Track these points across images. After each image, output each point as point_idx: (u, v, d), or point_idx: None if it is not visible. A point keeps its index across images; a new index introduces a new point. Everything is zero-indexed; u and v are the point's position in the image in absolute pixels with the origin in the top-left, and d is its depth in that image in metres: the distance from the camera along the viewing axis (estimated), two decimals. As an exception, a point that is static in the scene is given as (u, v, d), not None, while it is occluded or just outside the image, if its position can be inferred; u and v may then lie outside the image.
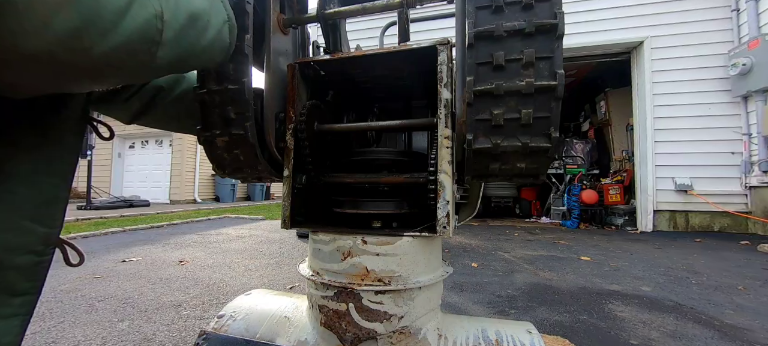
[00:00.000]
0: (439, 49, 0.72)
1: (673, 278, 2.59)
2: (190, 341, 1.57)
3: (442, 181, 0.69)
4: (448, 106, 0.71)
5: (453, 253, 3.42)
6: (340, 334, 0.70)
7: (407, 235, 0.71)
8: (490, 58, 0.62)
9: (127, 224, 5.45)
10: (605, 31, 5.33)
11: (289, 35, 0.90)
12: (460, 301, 2.08)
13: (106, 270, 2.76)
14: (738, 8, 4.79)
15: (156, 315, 1.86)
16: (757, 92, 4.42)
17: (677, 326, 1.73)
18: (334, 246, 0.72)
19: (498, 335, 0.73)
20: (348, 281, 0.70)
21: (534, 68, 0.61)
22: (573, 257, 3.25)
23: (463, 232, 4.76)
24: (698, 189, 4.88)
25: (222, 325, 0.84)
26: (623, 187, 5.53)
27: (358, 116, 1.08)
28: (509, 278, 2.56)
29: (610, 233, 4.92)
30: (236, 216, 6.88)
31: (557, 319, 1.81)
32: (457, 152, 0.72)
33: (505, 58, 0.62)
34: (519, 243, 3.98)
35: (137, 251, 3.55)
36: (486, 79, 0.63)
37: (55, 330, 1.68)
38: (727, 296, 2.17)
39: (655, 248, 3.75)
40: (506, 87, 0.62)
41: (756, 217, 4.56)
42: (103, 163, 10.97)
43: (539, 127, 0.63)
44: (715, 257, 3.30)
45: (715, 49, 4.91)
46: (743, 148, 4.72)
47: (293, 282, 2.47)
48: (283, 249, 3.64)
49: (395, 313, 0.69)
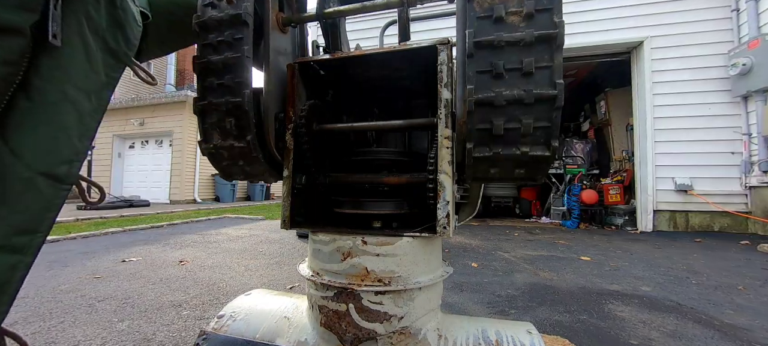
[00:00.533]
0: (439, 49, 0.71)
1: (673, 278, 2.59)
2: (190, 341, 1.57)
3: (442, 181, 0.69)
4: (449, 106, 0.71)
5: (453, 253, 3.42)
6: (340, 334, 0.70)
7: (407, 235, 0.71)
8: (490, 68, 0.62)
9: (127, 224, 5.45)
10: (605, 31, 5.32)
11: (288, 34, 0.90)
12: (460, 301, 2.08)
13: (106, 270, 2.75)
14: (738, 8, 4.79)
15: (156, 315, 1.86)
16: (757, 92, 4.42)
17: (677, 326, 1.73)
18: (334, 246, 0.72)
19: (498, 336, 0.73)
20: (348, 281, 0.70)
21: (534, 78, 0.61)
22: (573, 257, 3.25)
23: (463, 232, 4.75)
24: (698, 189, 4.88)
25: (222, 325, 0.83)
26: (623, 187, 5.53)
27: (358, 116, 1.07)
28: (509, 277, 2.56)
29: (610, 232, 4.92)
30: (236, 216, 6.88)
31: (557, 319, 1.81)
32: (457, 152, 0.72)
33: (505, 68, 0.62)
34: (519, 243, 3.98)
35: (137, 251, 3.55)
36: (486, 87, 0.63)
37: (55, 330, 1.67)
38: (727, 296, 2.17)
39: (654, 248, 3.75)
40: (506, 96, 0.62)
41: (756, 217, 4.56)
42: (103, 162, 10.97)
43: (539, 135, 0.63)
44: (715, 257, 3.30)
45: (715, 49, 4.90)
46: (743, 148, 4.72)
47: (293, 282, 2.47)
48: (283, 249, 3.64)
49: (395, 313, 0.69)
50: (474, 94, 0.63)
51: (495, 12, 0.62)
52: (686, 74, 5.00)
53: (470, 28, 0.63)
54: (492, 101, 0.62)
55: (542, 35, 0.60)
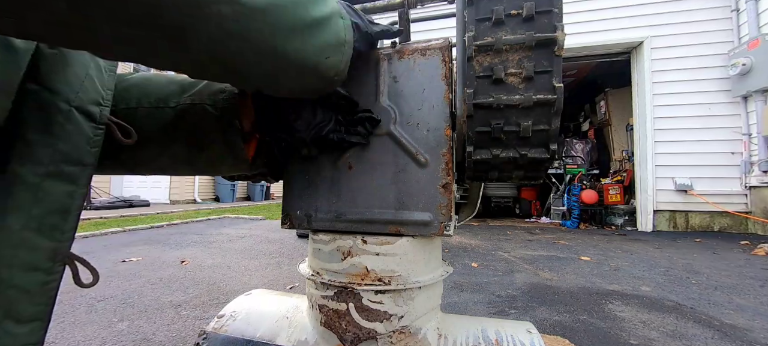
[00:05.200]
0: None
1: (673, 278, 2.59)
2: (189, 341, 1.57)
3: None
4: (449, 105, 0.71)
5: (453, 253, 3.42)
6: (340, 334, 0.70)
7: (407, 235, 0.71)
8: (490, 72, 0.63)
9: (127, 224, 5.45)
10: (605, 31, 5.33)
11: None
12: (460, 301, 2.08)
13: (106, 270, 2.75)
14: (738, 8, 4.79)
15: (156, 315, 1.86)
16: (757, 92, 4.42)
17: (677, 326, 1.73)
18: (334, 246, 0.72)
19: (498, 335, 0.73)
20: (348, 280, 0.70)
21: (533, 82, 0.61)
22: (573, 257, 3.25)
23: (463, 232, 4.76)
24: (698, 189, 4.88)
25: (222, 325, 0.84)
26: (623, 187, 5.53)
27: None
28: (509, 277, 2.56)
29: (610, 232, 4.92)
30: (236, 216, 6.88)
31: (557, 319, 1.81)
32: (457, 153, 0.72)
33: (505, 71, 0.62)
34: (519, 243, 3.98)
35: (137, 251, 3.55)
36: (485, 92, 0.63)
37: (55, 330, 1.68)
38: (727, 296, 2.17)
39: (654, 248, 3.75)
40: (506, 100, 0.62)
41: (756, 217, 4.56)
42: (103, 163, 10.96)
43: (538, 139, 0.64)
44: (715, 257, 3.30)
45: (715, 49, 4.91)
46: (743, 148, 4.72)
47: (293, 282, 2.47)
48: (282, 249, 3.64)
49: (395, 313, 0.69)
50: (473, 98, 0.63)
51: (495, 14, 0.63)
52: (686, 74, 5.00)
53: (470, 31, 0.63)
54: (491, 105, 0.63)
55: (542, 39, 0.60)
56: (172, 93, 0.62)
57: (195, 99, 0.61)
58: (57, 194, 0.44)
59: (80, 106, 0.47)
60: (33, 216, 0.42)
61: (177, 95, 0.62)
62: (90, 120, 0.48)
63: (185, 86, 0.63)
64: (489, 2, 0.64)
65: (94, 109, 0.49)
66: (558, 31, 0.60)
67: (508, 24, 0.63)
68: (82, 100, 0.47)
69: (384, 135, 0.70)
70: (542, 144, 0.64)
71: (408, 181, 0.69)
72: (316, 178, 0.74)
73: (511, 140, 0.65)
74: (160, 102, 0.62)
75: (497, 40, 0.62)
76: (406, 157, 0.69)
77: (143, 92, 0.62)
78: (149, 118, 0.61)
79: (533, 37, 0.60)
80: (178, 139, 0.63)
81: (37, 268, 0.42)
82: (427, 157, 0.68)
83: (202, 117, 0.61)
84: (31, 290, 0.42)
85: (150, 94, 0.62)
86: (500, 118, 0.64)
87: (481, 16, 0.64)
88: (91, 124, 0.48)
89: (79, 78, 0.47)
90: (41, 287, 0.43)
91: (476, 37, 0.63)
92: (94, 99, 0.49)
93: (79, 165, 0.47)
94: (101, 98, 0.51)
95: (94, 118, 0.49)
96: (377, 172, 0.70)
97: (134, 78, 0.65)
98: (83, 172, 0.47)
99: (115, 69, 0.54)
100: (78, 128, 0.47)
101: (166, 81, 0.64)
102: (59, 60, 0.45)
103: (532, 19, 0.61)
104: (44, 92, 0.43)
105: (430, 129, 0.68)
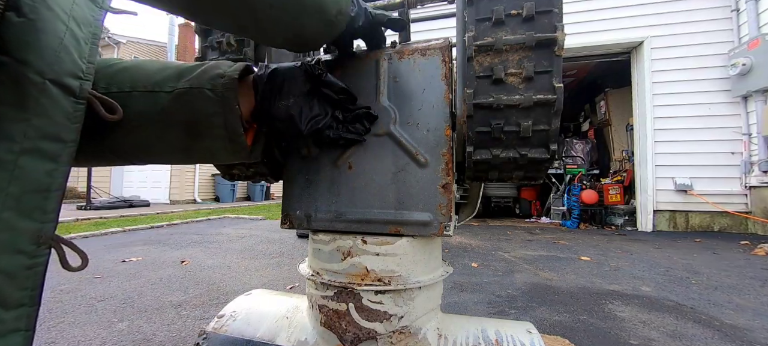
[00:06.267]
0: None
1: (673, 278, 2.59)
2: (190, 341, 1.57)
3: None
4: (449, 106, 0.71)
5: (453, 253, 3.42)
6: (340, 334, 0.70)
7: (407, 235, 0.71)
8: (490, 72, 0.63)
9: (127, 224, 5.45)
10: (605, 31, 5.32)
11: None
12: (460, 301, 2.08)
13: (106, 270, 2.75)
14: (738, 8, 4.79)
15: (156, 315, 1.86)
16: (757, 92, 4.42)
17: (677, 326, 1.73)
18: (334, 246, 0.72)
19: (498, 335, 0.73)
20: (348, 280, 0.70)
21: (533, 82, 0.61)
22: (573, 257, 3.25)
23: (463, 232, 4.75)
24: (698, 189, 4.88)
25: (222, 325, 0.84)
26: (623, 187, 5.53)
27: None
28: (509, 277, 2.56)
29: (610, 232, 4.92)
30: (236, 216, 6.88)
31: (557, 319, 1.81)
32: (457, 153, 0.72)
33: (505, 72, 0.62)
34: (519, 243, 3.98)
35: (137, 251, 3.55)
36: (485, 92, 0.63)
37: (55, 330, 1.67)
38: (727, 296, 2.17)
39: (654, 248, 3.75)
40: (506, 101, 0.62)
41: (756, 217, 4.56)
42: (103, 163, 10.96)
43: (538, 139, 0.64)
44: (715, 257, 3.30)
45: (715, 49, 4.90)
46: (743, 148, 4.72)
47: (293, 282, 2.47)
48: (282, 249, 3.64)
49: (395, 313, 0.69)
50: (473, 99, 0.63)
51: (495, 14, 0.63)
52: (686, 74, 5.00)
53: (470, 31, 0.63)
54: (491, 105, 0.63)
55: (542, 39, 0.60)
56: (168, 77, 0.60)
57: (193, 83, 0.59)
58: (35, 172, 0.42)
59: (56, 79, 0.44)
60: (10, 195, 0.39)
61: (173, 80, 0.60)
62: (68, 94, 0.45)
63: (182, 71, 0.61)
64: (489, 2, 0.64)
65: (73, 82, 0.46)
66: (558, 31, 0.60)
67: (508, 24, 0.63)
68: (58, 73, 0.44)
69: (384, 135, 0.70)
70: (542, 144, 0.64)
71: (408, 181, 0.69)
72: (316, 178, 0.74)
73: (511, 140, 0.65)
74: (155, 86, 0.59)
75: (497, 40, 0.62)
76: (406, 157, 0.69)
77: (137, 76, 0.60)
78: (144, 102, 0.58)
79: (533, 37, 0.60)
80: (175, 125, 0.60)
81: (20, 251, 0.41)
82: (427, 157, 0.67)
83: (200, 102, 0.59)
84: (15, 273, 0.41)
85: (144, 78, 0.60)
86: (500, 118, 0.64)
87: (481, 16, 0.64)
88: (70, 98, 0.46)
89: (52, 49, 0.44)
90: (26, 271, 0.42)
91: (476, 37, 0.63)
92: (72, 71, 0.46)
93: (58, 142, 0.44)
94: (80, 71, 0.47)
95: (73, 92, 0.46)
96: (377, 172, 0.70)
97: (127, 62, 0.62)
98: (64, 149, 0.45)
99: (97, 41, 0.50)
100: (55, 103, 0.44)
101: (161, 66, 0.62)
102: (28, 28, 0.41)
103: (532, 19, 0.61)
104: (13, 63, 0.40)
105: (430, 129, 0.68)
